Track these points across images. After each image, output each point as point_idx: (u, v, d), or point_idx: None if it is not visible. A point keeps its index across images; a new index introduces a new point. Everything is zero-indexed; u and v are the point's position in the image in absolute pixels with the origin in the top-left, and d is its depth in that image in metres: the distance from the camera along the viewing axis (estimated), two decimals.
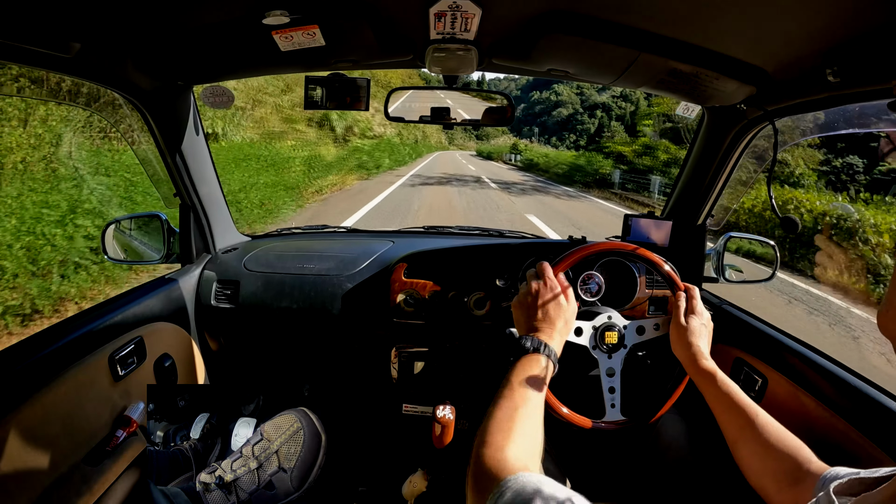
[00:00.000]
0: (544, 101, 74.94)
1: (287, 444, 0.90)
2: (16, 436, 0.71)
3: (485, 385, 1.28)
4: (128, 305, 1.01)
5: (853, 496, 0.46)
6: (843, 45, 0.64)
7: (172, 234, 1.27)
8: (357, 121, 17.78)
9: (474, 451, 0.54)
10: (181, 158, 1.15)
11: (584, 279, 1.12)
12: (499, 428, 0.56)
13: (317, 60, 0.96)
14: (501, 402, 0.61)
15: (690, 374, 0.76)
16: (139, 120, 1.10)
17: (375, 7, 0.76)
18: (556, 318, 0.73)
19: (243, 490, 0.85)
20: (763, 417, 0.66)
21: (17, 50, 0.69)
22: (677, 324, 0.80)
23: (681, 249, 1.22)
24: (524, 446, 0.54)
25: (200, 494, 0.83)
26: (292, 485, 0.88)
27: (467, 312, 1.22)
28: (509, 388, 0.63)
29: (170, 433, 0.96)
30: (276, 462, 0.88)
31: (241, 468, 0.86)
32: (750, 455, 0.64)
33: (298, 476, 0.89)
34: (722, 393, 0.70)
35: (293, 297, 1.25)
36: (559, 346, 0.71)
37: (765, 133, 1.05)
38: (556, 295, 0.75)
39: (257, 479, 0.86)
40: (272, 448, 0.88)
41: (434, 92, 1.17)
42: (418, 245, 1.30)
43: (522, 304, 0.76)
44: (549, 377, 0.67)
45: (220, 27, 0.80)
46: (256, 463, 0.87)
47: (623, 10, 0.71)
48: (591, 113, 64.20)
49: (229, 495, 0.84)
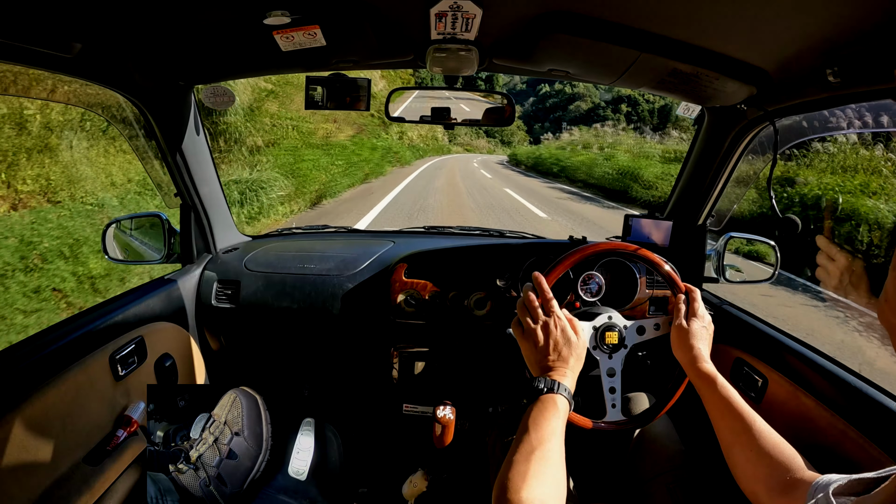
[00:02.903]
0: (557, 94, 63.57)
1: (229, 412, 0.95)
2: (16, 435, 0.71)
3: (485, 385, 1.28)
4: (128, 305, 1.01)
5: (854, 496, 0.46)
6: (843, 45, 0.64)
7: (173, 234, 1.27)
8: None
9: (494, 493, 0.55)
10: (182, 158, 1.15)
11: (584, 279, 1.12)
12: (516, 470, 0.56)
13: (318, 61, 0.96)
14: (519, 447, 0.60)
15: (689, 377, 0.76)
16: (140, 120, 1.10)
17: (376, 7, 0.76)
18: (568, 356, 0.72)
19: (211, 466, 0.90)
20: (759, 424, 0.66)
21: (18, 50, 0.69)
22: (678, 326, 0.80)
23: (681, 250, 1.22)
24: (543, 487, 0.54)
25: (175, 480, 0.87)
26: (250, 445, 0.93)
27: (468, 312, 1.22)
28: (525, 432, 0.62)
29: (170, 433, 0.96)
30: (228, 431, 0.93)
31: (203, 447, 0.91)
32: (744, 461, 0.64)
33: (251, 435, 0.94)
34: (720, 397, 0.70)
35: (294, 297, 1.25)
36: (573, 383, 0.71)
37: (765, 133, 1.05)
38: (565, 333, 0.73)
39: (218, 451, 0.91)
40: (221, 420, 0.94)
41: (434, 92, 1.18)
42: (419, 245, 1.30)
43: (530, 342, 0.74)
44: (565, 417, 0.66)
45: (221, 27, 0.80)
46: (213, 437, 0.92)
47: (624, 11, 0.71)
48: (616, 107, 54.37)
49: (198, 471, 0.89)
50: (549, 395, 0.67)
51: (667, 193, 1.47)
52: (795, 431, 0.82)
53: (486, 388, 1.28)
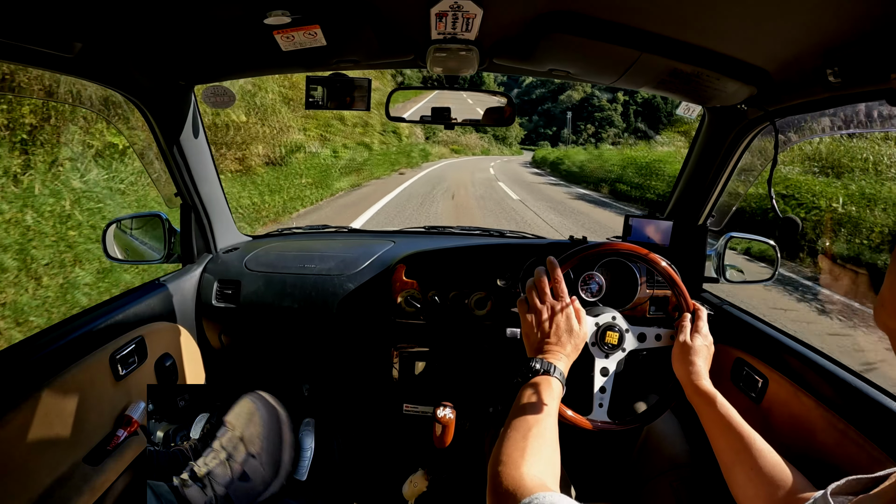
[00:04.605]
0: (544, 84, 57.33)
1: (247, 427, 0.90)
2: (17, 435, 0.71)
3: (486, 385, 1.28)
4: (129, 305, 1.01)
5: (852, 496, 0.46)
6: (843, 45, 0.64)
7: (173, 234, 1.27)
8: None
9: (490, 470, 0.54)
10: (182, 158, 1.15)
11: (584, 279, 1.12)
12: (515, 446, 0.56)
13: (318, 60, 0.96)
14: (515, 423, 0.61)
15: (688, 394, 0.76)
16: (140, 119, 1.10)
17: (377, 7, 0.76)
18: (566, 343, 0.73)
19: (219, 483, 0.86)
20: (759, 443, 0.66)
21: (19, 50, 0.69)
22: (681, 342, 0.80)
23: (682, 250, 1.22)
24: (541, 464, 0.54)
25: (179, 489, 0.84)
26: (265, 470, 0.89)
27: (468, 312, 1.22)
28: (521, 409, 0.63)
29: (170, 433, 0.96)
30: (244, 449, 0.88)
31: (213, 461, 0.87)
32: (745, 480, 0.64)
33: (269, 461, 0.89)
34: (720, 415, 0.70)
35: (294, 296, 1.25)
36: (566, 369, 0.71)
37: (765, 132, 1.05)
38: (569, 320, 0.74)
39: (230, 469, 0.87)
40: (236, 434, 0.89)
41: (434, 91, 1.17)
42: (419, 245, 1.30)
43: (533, 321, 0.75)
44: (558, 399, 0.67)
45: (221, 27, 0.80)
46: (226, 453, 0.87)
47: (624, 11, 0.71)
48: (612, 97, 48.17)
49: (205, 489, 0.85)
50: (545, 377, 0.67)
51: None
52: (796, 432, 0.82)
53: (486, 388, 1.28)
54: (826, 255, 5.00)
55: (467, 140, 35.43)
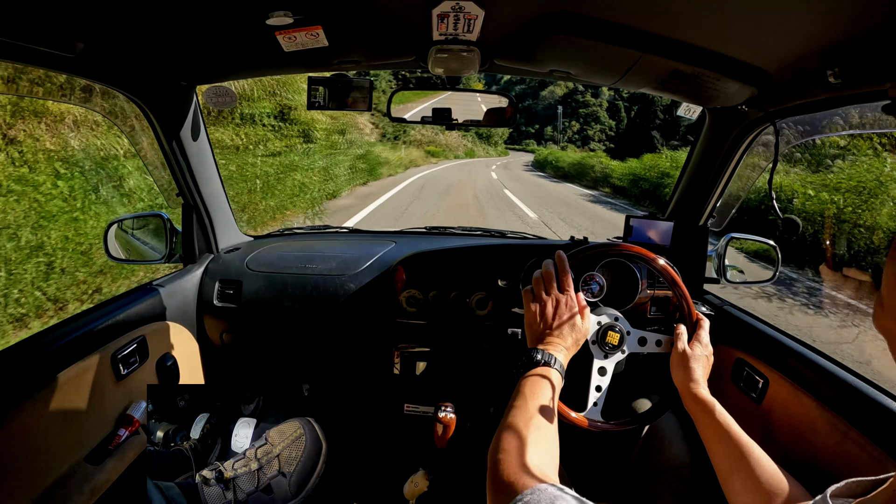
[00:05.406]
0: (524, 81, 52.02)
1: (289, 448, 0.91)
2: (18, 434, 0.71)
3: (486, 385, 1.28)
4: (130, 305, 1.01)
5: (851, 498, 0.46)
6: (843, 46, 0.64)
7: (175, 234, 1.27)
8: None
9: (491, 458, 0.54)
10: (184, 158, 1.15)
11: (585, 280, 1.12)
12: (515, 435, 0.56)
13: (320, 61, 0.96)
14: (515, 413, 0.60)
15: (686, 402, 0.76)
16: (142, 119, 1.10)
17: (378, 8, 0.76)
18: (568, 336, 0.73)
19: (241, 490, 0.86)
20: (757, 452, 0.66)
21: (21, 49, 0.69)
22: (680, 349, 0.80)
23: (682, 250, 1.22)
24: (540, 454, 0.54)
25: (199, 487, 0.84)
26: (290, 490, 0.89)
27: (469, 313, 1.22)
28: (521, 399, 0.62)
29: (170, 433, 0.96)
30: (277, 466, 0.89)
31: (242, 468, 0.87)
32: (743, 488, 0.64)
33: (297, 482, 0.90)
34: (717, 424, 0.70)
35: (295, 297, 1.25)
36: (566, 362, 0.71)
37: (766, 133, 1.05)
38: (573, 314, 0.74)
39: (256, 480, 0.87)
40: (274, 451, 0.89)
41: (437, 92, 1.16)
42: (420, 245, 1.30)
43: (536, 311, 0.75)
44: (558, 390, 0.67)
45: (223, 27, 0.80)
46: (257, 464, 0.88)
47: (626, 12, 0.71)
48: (596, 92, 44.88)
49: (226, 491, 0.85)
50: (546, 368, 0.67)
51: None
52: (796, 432, 0.82)
53: (487, 388, 1.28)
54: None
55: (447, 139, 27.71)
